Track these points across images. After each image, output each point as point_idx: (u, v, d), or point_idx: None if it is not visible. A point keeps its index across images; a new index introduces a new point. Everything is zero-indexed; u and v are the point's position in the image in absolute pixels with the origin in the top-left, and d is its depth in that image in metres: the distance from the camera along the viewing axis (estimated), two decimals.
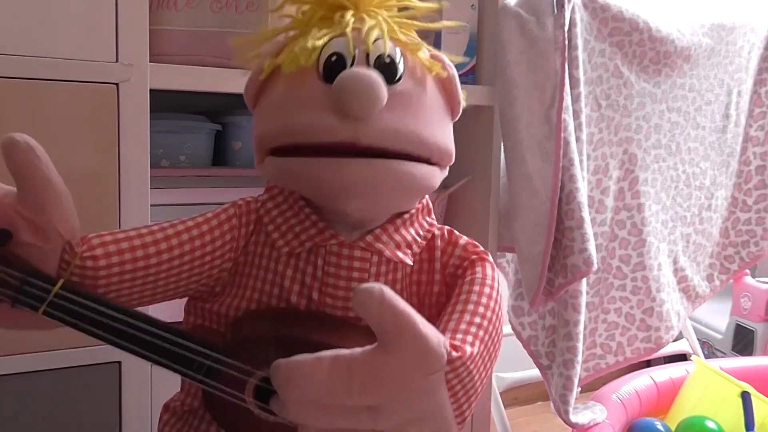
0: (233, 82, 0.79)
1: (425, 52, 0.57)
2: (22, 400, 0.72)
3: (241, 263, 0.58)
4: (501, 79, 0.96)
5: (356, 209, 0.54)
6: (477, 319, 0.54)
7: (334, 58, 0.53)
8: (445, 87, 0.59)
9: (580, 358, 1.01)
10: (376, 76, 0.51)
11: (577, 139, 0.97)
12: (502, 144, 1.00)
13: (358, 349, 0.44)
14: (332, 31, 0.54)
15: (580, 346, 1.01)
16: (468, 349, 0.50)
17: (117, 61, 0.72)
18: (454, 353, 0.48)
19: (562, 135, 0.93)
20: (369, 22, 0.55)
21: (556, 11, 0.93)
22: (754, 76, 1.25)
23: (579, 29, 0.95)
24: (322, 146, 0.52)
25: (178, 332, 0.50)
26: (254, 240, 0.59)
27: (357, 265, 0.57)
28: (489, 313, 0.55)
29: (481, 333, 0.53)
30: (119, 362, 0.75)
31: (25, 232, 0.48)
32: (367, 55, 0.54)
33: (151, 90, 0.74)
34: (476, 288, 0.57)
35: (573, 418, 1.03)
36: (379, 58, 0.54)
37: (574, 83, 0.96)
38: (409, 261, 0.59)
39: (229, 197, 0.94)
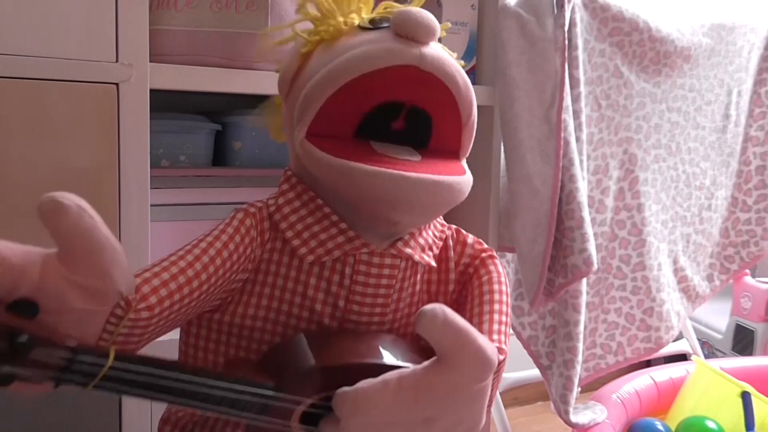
0: (233, 82, 0.79)
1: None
2: (22, 400, 0.72)
3: (254, 272, 0.57)
4: (501, 79, 0.96)
5: (411, 221, 0.57)
6: (503, 318, 0.59)
7: (379, 18, 0.57)
8: None
9: (580, 358, 1.01)
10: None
11: (577, 139, 0.97)
12: (502, 144, 1.00)
13: (419, 368, 0.47)
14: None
15: (581, 346, 1.01)
16: (504, 348, 0.57)
17: (117, 61, 0.72)
18: (500, 356, 0.53)
19: (562, 135, 0.93)
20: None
21: (556, 11, 0.93)
22: (754, 76, 1.25)
23: (579, 29, 0.95)
24: (386, 72, 0.53)
25: (230, 378, 0.48)
26: (270, 248, 0.57)
27: (386, 272, 0.57)
28: (509, 310, 0.61)
29: (507, 330, 0.59)
30: None
31: (75, 298, 0.42)
32: None
33: (151, 90, 0.74)
34: (496, 287, 0.62)
35: (573, 418, 1.03)
36: None
37: (574, 83, 0.96)
38: (433, 263, 0.61)
39: (229, 197, 0.95)
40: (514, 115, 0.95)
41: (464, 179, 0.56)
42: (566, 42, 0.93)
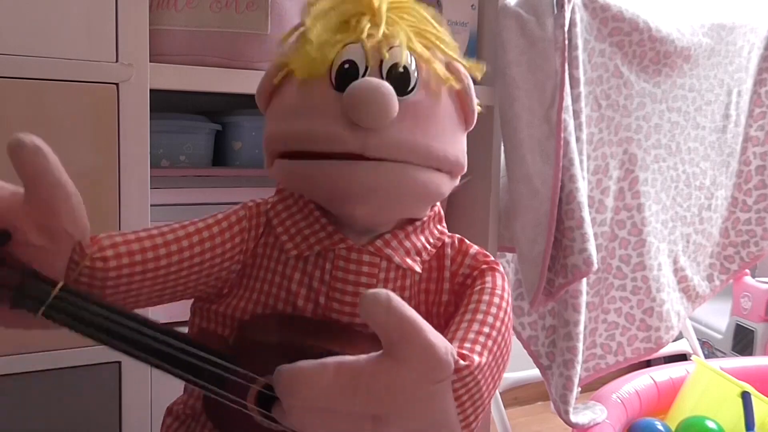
0: (233, 82, 0.79)
1: (441, 62, 0.57)
2: (22, 400, 0.72)
3: (249, 265, 0.58)
4: (501, 79, 0.96)
5: (363, 214, 0.55)
6: (486, 329, 0.53)
7: (347, 66, 0.53)
8: (460, 97, 0.59)
9: (580, 358, 1.01)
10: (387, 87, 0.51)
11: (577, 139, 0.97)
12: (502, 144, 1.00)
13: (363, 357, 0.44)
14: (346, 38, 0.54)
15: (580, 346, 1.01)
16: (476, 358, 0.49)
17: (117, 61, 0.72)
18: (461, 362, 0.47)
19: (562, 135, 0.93)
20: (384, 29, 0.54)
21: (556, 11, 0.93)
22: (754, 76, 1.25)
23: (579, 29, 0.95)
24: (329, 155, 0.53)
25: (181, 337, 0.49)
26: (263, 242, 0.58)
27: (365, 270, 0.56)
28: (498, 324, 0.54)
29: (489, 343, 0.52)
30: (119, 362, 0.75)
31: (33, 234, 0.47)
32: (381, 64, 0.54)
33: (151, 90, 0.74)
34: (486, 297, 0.56)
35: (573, 418, 1.03)
36: (393, 68, 0.54)
37: (574, 83, 0.96)
38: (417, 268, 0.58)
39: (229, 197, 0.95)
40: (514, 115, 0.95)
41: (417, 167, 0.54)
42: (566, 42, 0.93)
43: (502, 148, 1.00)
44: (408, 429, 0.46)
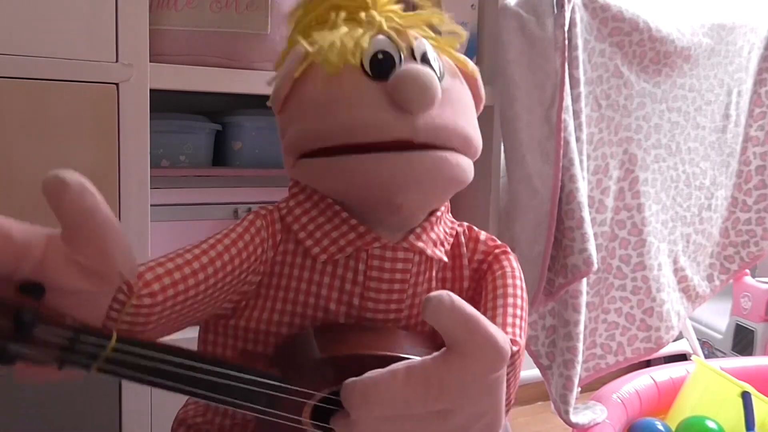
0: (233, 82, 0.79)
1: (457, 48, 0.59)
2: (23, 400, 0.72)
3: (268, 275, 0.57)
4: (501, 79, 0.96)
5: (413, 202, 0.55)
6: (518, 312, 0.58)
7: (380, 56, 0.54)
8: (471, 83, 0.60)
9: (580, 358, 1.01)
10: (431, 71, 0.52)
11: (577, 139, 0.97)
12: (502, 144, 1.00)
13: (428, 358, 0.45)
14: (367, 30, 0.55)
15: (581, 346, 1.01)
16: (520, 341, 0.55)
17: (117, 61, 0.72)
18: (513, 348, 0.51)
19: (562, 135, 0.93)
20: (398, 21, 0.56)
21: (556, 11, 0.93)
22: (754, 76, 1.25)
23: (579, 29, 0.95)
24: (377, 145, 0.52)
25: (235, 366, 0.48)
26: (282, 250, 0.57)
27: (400, 267, 0.57)
28: (524, 304, 0.59)
29: (523, 324, 0.57)
30: None
31: (77, 279, 0.42)
32: (412, 53, 0.55)
33: (151, 90, 0.74)
34: (510, 281, 0.60)
35: (573, 418, 1.03)
36: (425, 55, 0.55)
37: (574, 83, 0.96)
38: (445, 258, 0.60)
39: (229, 197, 0.95)
40: (514, 115, 0.95)
41: (459, 155, 0.55)
42: (566, 42, 0.93)
43: (502, 148, 1.00)
44: (471, 417, 0.47)
